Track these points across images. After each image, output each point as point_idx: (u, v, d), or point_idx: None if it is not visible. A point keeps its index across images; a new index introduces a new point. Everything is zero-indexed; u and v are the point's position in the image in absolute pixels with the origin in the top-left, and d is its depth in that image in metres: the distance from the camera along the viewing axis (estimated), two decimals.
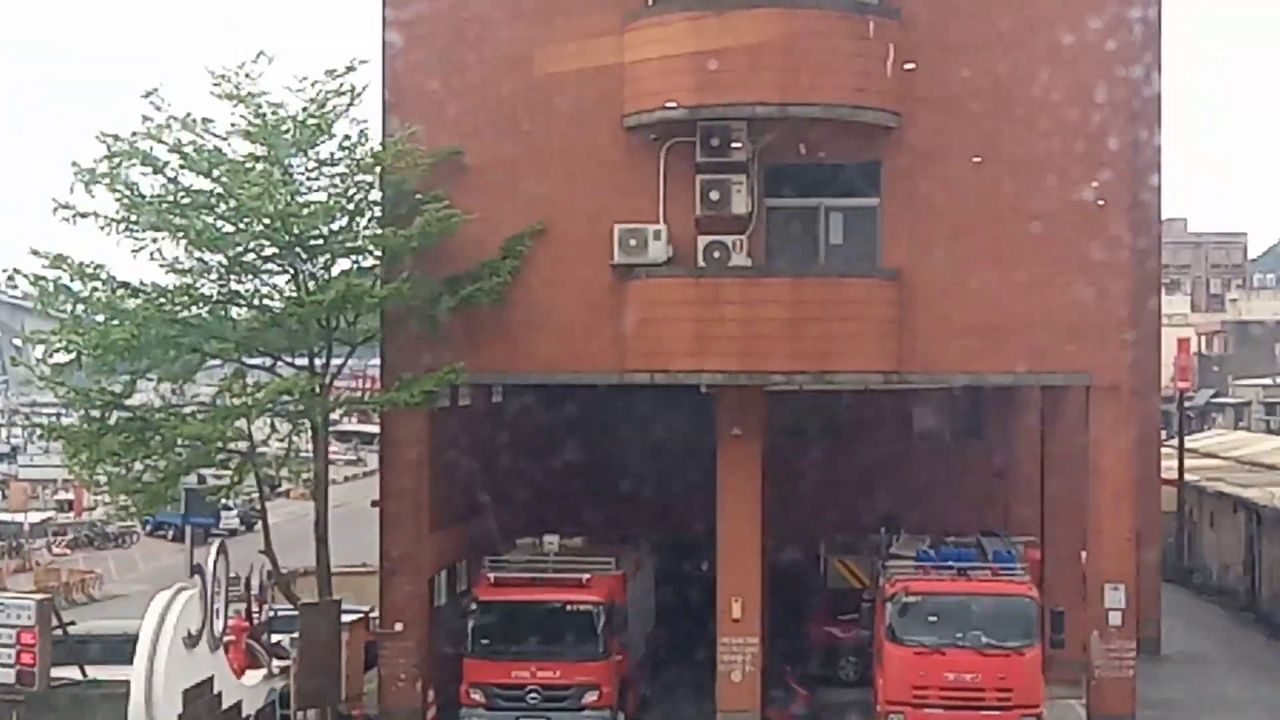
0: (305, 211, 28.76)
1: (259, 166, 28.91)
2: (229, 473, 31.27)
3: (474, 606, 29.40)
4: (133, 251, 28.90)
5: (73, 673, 22.79)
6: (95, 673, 22.86)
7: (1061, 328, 28.90)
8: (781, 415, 33.00)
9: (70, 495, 79.47)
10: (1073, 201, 28.95)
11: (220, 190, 28.76)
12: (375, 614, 30.92)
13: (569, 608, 28.92)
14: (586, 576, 29.19)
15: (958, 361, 29.26)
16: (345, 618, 27.86)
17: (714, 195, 28.66)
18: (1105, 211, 28.98)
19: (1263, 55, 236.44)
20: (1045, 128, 29.02)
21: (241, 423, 29.78)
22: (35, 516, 72.64)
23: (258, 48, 29.65)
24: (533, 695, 28.66)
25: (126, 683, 21.16)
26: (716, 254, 28.80)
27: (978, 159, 29.00)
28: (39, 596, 24.38)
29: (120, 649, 22.56)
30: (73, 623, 24.66)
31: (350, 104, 29.18)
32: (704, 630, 30.73)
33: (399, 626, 29.81)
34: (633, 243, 28.84)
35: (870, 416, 37.32)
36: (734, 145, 28.50)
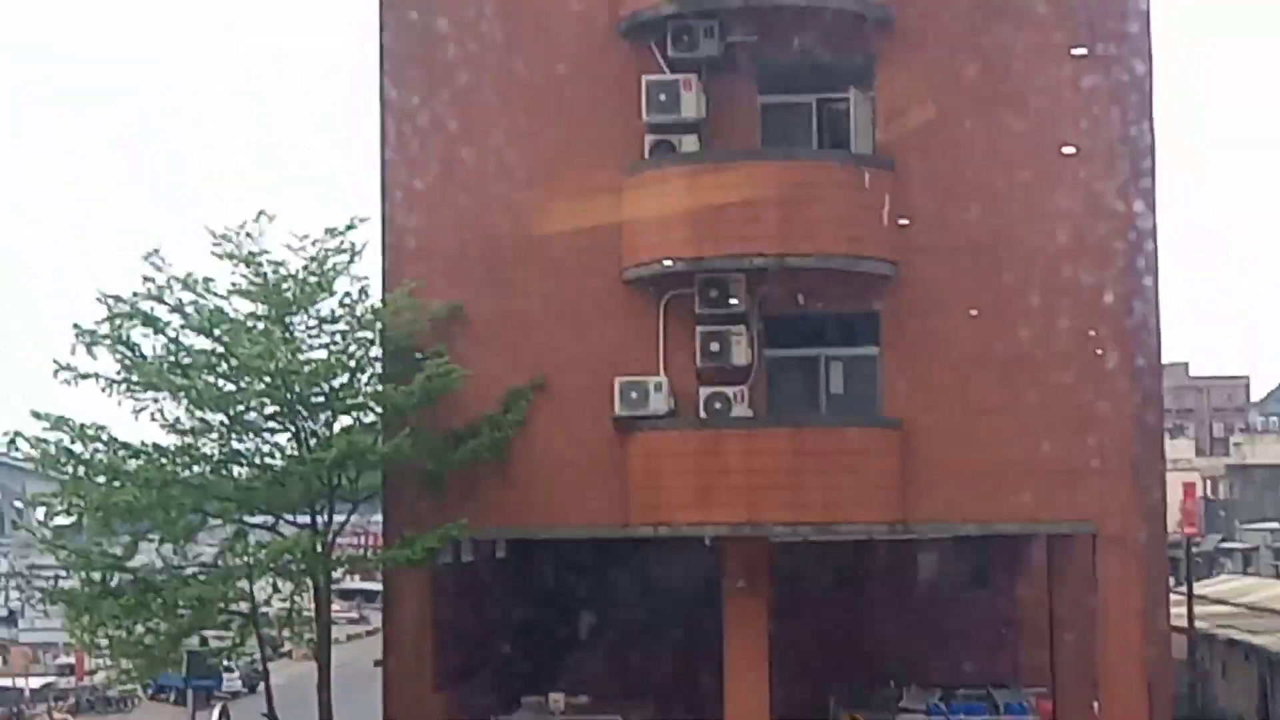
0: (306, 369, 28.80)
1: (260, 325, 29.01)
2: (231, 634, 31.02)
3: None
4: (134, 412, 28.93)
5: None
6: None
7: (1064, 476, 28.78)
8: (787, 566, 32.77)
9: (71, 659, 78.78)
10: (1073, 350, 29.00)
11: (221, 349, 28.84)
12: None
13: None
14: None
15: (962, 510, 29.10)
16: None
17: (714, 346, 28.73)
18: (1106, 359, 29.01)
19: (1261, 211, 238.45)
20: (1043, 277, 29.16)
21: (244, 583, 29.60)
22: (36, 681, 71.96)
23: (258, 207, 29.94)
24: None
25: None
26: (718, 405, 28.80)
27: (974, 311, 29.13)
28: None
29: None
30: None
31: (350, 261, 29.38)
32: None
33: None
34: (634, 395, 28.85)
35: (877, 566, 37.03)
36: (733, 297, 28.67)
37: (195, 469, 29.23)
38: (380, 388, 29.35)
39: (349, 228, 29.25)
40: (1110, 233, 29.28)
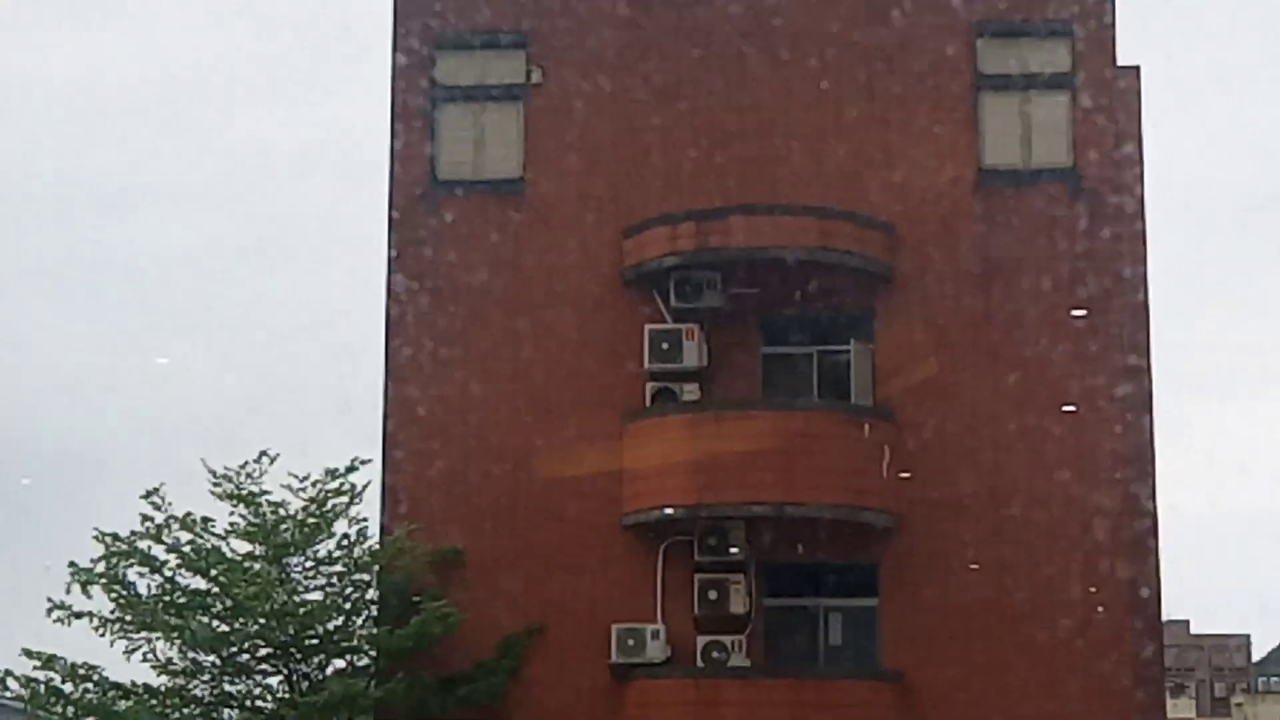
0: (302, 611, 28.59)
1: (257, 565, 28.88)
2: None
3: None
4: (126, 652, 28.62)
5: None
6: None
7: None
8: None
9: None
10: (1075, 608, 28.84)
11: (217, 589, 28.65)
12: None
13: None
14: None
15: None
16: None
17: (712, 595, 28.59)
18: (1107, 616, 28.84)
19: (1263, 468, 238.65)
20: (1045, 532, 29.13)
21: None
22: None
23: (259, 449, 30.10)
24: None
25: None
26: (715, 654, 28.55)
27: (975, 565, 29.05)
28: None
29: None
30: None
31: (350, 502, 29.38)
32: None
33: None
34: (630, 642, 28.61)
35: None
36: (732, 545, 28.62)
37: (186, 710, 28.85)
38: (375, 631, 29.11)
39: (350, 469, 29.32)
40: (1111, 489, 29.32)
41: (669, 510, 28.69)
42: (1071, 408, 29.44)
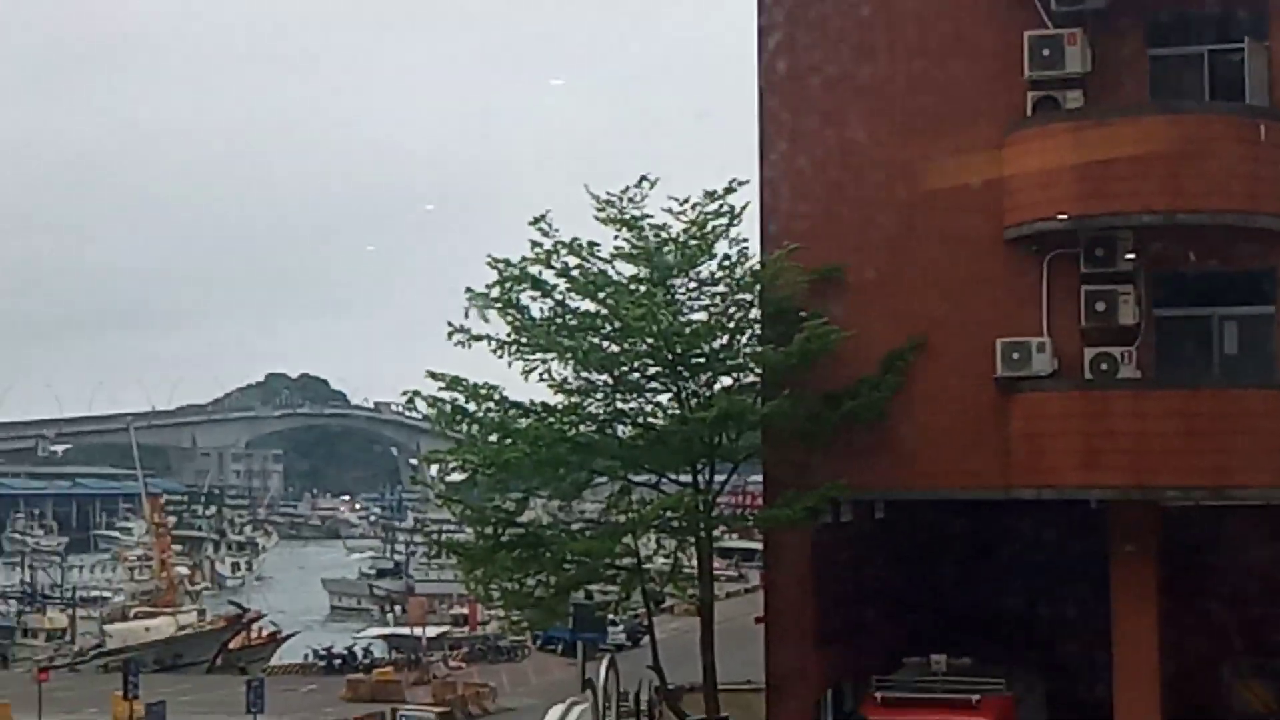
0: (687, 331, 29.29)
1: (642, 288, 29.60)
2: (616, 589, 31.84)
3: None
4: (523, 373, 29.89)
5: None
6: None
7: None
8: (1178, 531, 31.77)
9: (464, 610, 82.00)
10: None
11: (605, 312, 29.53)
12: None
13: None
14: (977, 698, 28.54)
15: None
16: None
17: (1100, 306, 28.05)
18: None
19: None
20: None
21: (628, 539, 30.34)
22: (432, 631, 75.13)
23: (639, 174, 30.62)
24: None
25: None
26: (1104, 366, 28.12)
27: None
28: (438, 709, 25.21)
29: None
30: None
31: (730, 224, 29.72)
32: None
33: None
34: (1016, 356, 28.39)
35: (1271, 532, 35.61)
36: (1120, 256, 27.92)
37: (582, 428, 30.07)
38: (759, 349, 29.64)
39: (728, 191, 29.60)
40: None
41: (1054, 221, 28.09)
42: None
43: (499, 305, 29.52)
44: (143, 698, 45.12)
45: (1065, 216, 27.97)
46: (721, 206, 29.59)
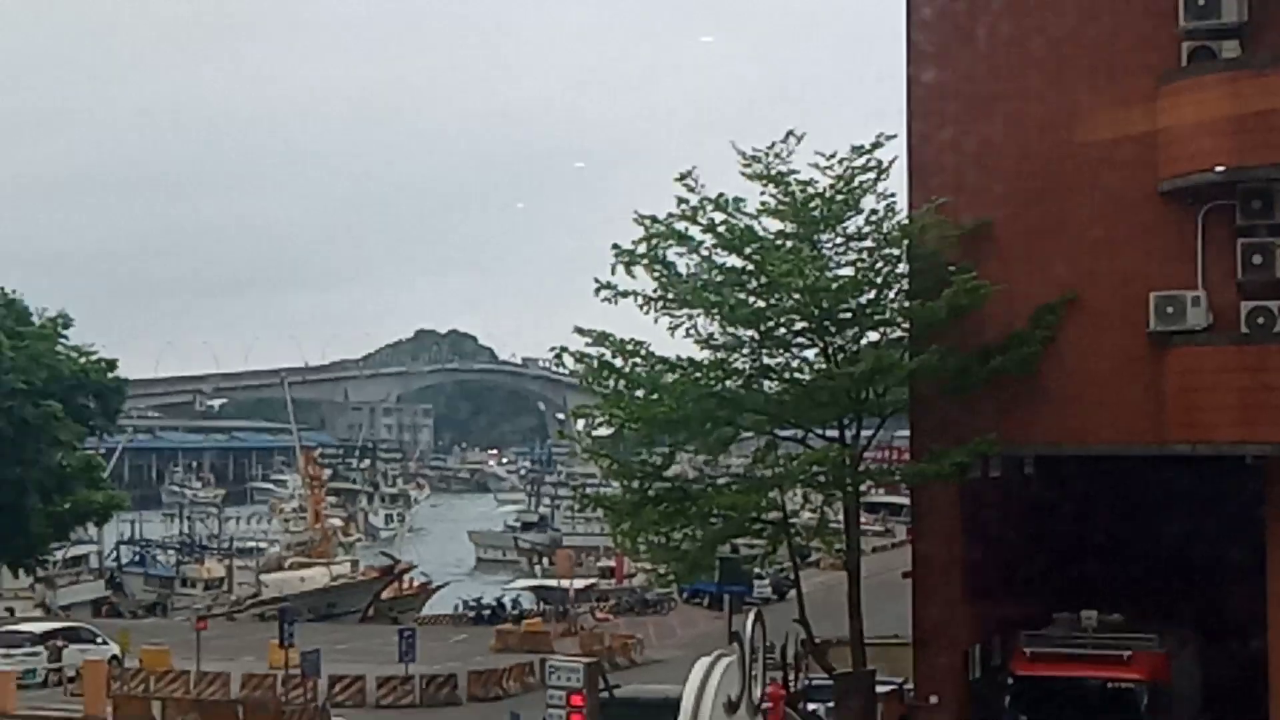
0: (834, 286, 29.24)
1: (788, 243, 29.59)
2: (762, 542, 31.96)
3: (1011, 681, 28.96)
4: (669, 329, 30.05)
5: None
6: None
7: None
8: None
9: (611, 563, 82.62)
10: None
11: (751, 268, 29.57)
12: (909, 686, 30.85)
13: (1110, 685, 28.10)
14: (1128, 654, 28.29)
15: None
16: (880, 688, 27.93)
17: (1256, 259, 27.55)
18: None
19: None
20: None
21: (774, 493, 30.43)
22: (580, 583, 75.75)
23: (785, 130, 30.54)
24: None
25: None
26: (1260, 320, 27.64)
27: None
28: (587, 660, 25.49)
29: (663, 713, 23.27)
30: (617, 686, 25.62)
31: (877, 179, 29.59)
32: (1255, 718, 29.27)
33: (934, 699, 29.66)
34: (1169, 310, 28.01)
35: None
36: (1278, 207, 27.38)
37: (728, 383, 30.20)
38: (907, 303, 29.52)
39: (875, 145, 29.47)
40: None
41: (1209, 173, 27.61)
42: None
43: (645, 261, 29.64)
44: (298, 646, 46.05)
45: (1222, 168, 27.49)
46: (869, 161, 29.48)
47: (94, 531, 63.84)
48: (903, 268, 29.90)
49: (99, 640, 55.17)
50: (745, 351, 30.46)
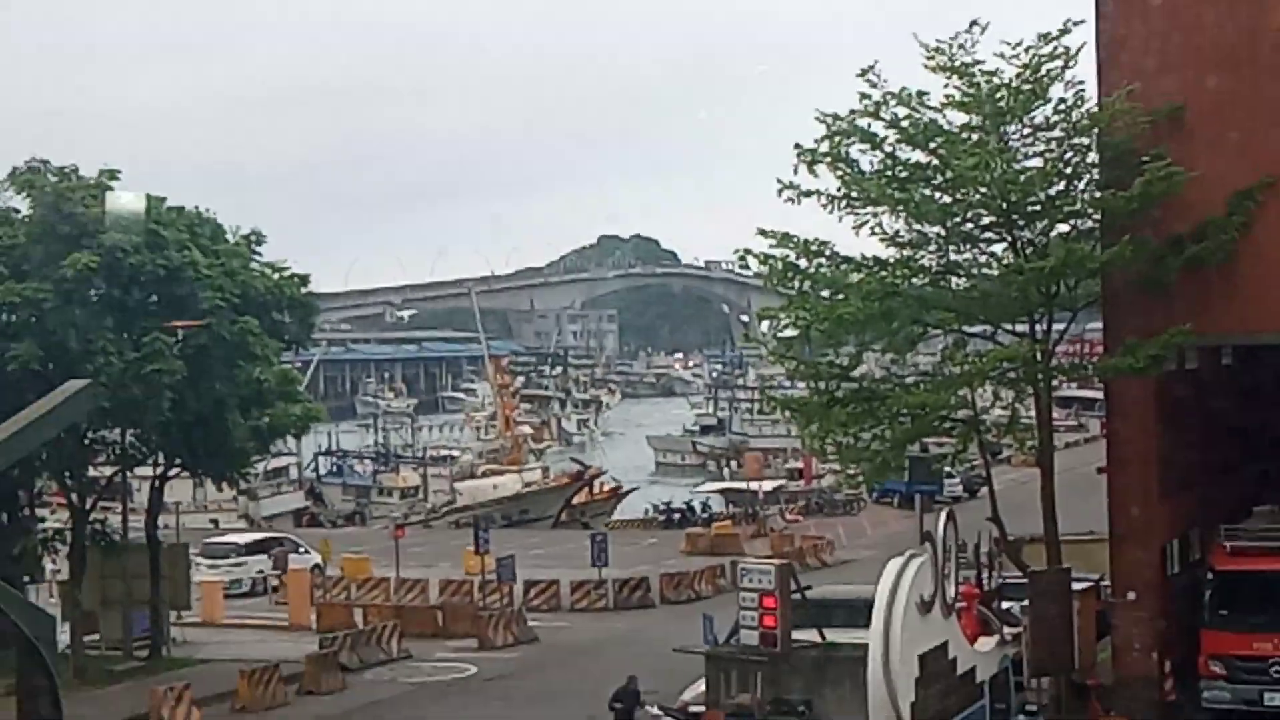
0: (1022, 178, 28.66)
1: (974, 136, 29.03)
2: (952, 440, 31.68)
3: (1211, 576, 28.47)
4: (854, 227, 29.70)
5: (812, 636, 23.70)
6: (833, 636, 23.69)
7: None
8: None
9: (799, 464, 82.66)
10: None
11: (936, 162, 29.10)
12: (1106, 582, 30.48)
13: None
14: None
15: None
16: (1075, 586, 27.62)
17: None
18: None
19: None
20: None
21: (964, 391, 30.09)
22: (768, 485, 75.94)
23: (970, 17, 29.80)
24: (1276, 668, 27.48)
25: (864, 646, 21.81)
26: None
27: None
28: (778, 562, 25.52)
29: (856, 613, 23.28)
30: (809, 587, 25.59)
31: (1065, 66, 28.85)
32: None
33: (1131, 595, 29.26)
34: None
35: None
36: None
37: (915, 281, 29.82)
38: (1098, 194, 28.85)
39: (1063, 32, 28.72)
40: None
41: None
42: None
43: (829, 160, 29.31)
44: (493, 552, 46.85)
45: None
46: (1056, 48, 28.74)
47: (293, 444, 65.18)
48: (1092, 157, 29.19)
49: (301, 549, 56.75)
50: (931, 248, 30.04)
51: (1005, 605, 29.08)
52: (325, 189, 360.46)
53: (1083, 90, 29.07)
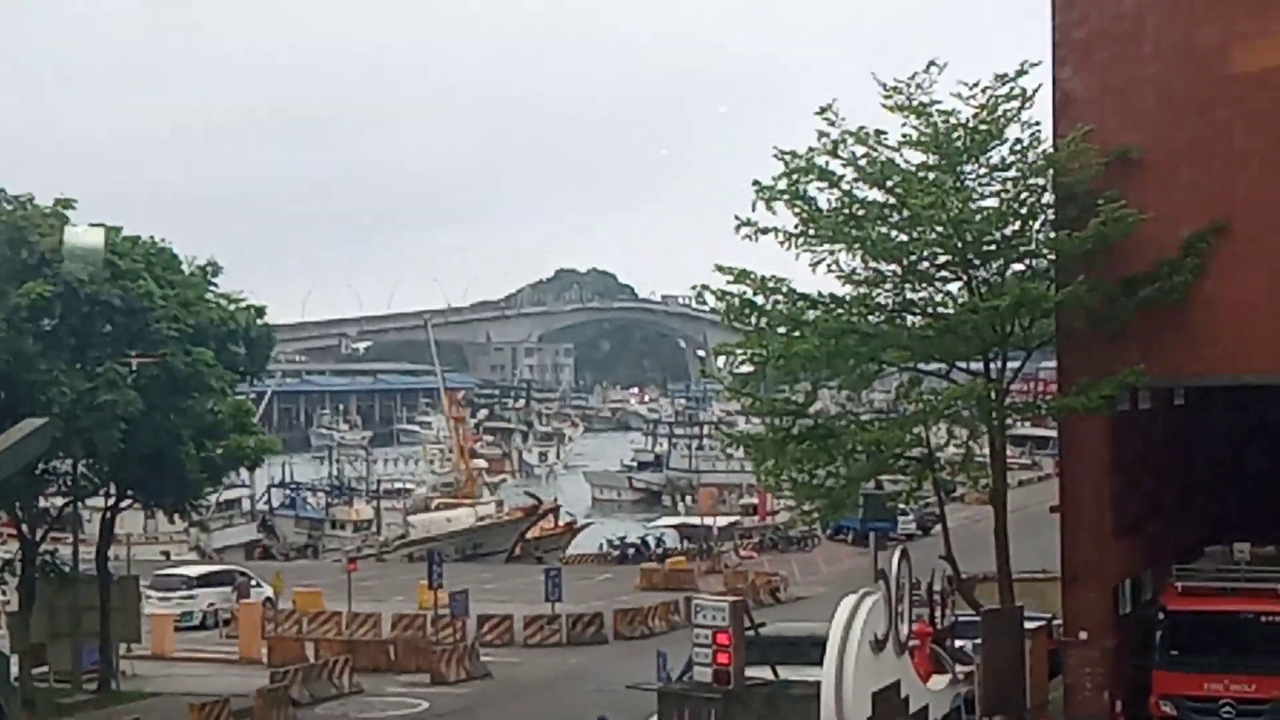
0: (978, 218, 28.85)
1: (931, 175, 29.20)
2: (906, 478, 31.74)
3: (1162, 616, 28.57)
4: (810, 264, 29.82)
5: (765, 673, 23.61)
6: (786, 674, 23.60)
7: None
8: None
9: (754, 500, 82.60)
10: None
11: (893, 201, 29.25)
12: (1058, 621, 30.55)
13: (1265, 619, 27.62)
14: None
15: None
16: (1028, 625, 27.66)
17: None
18: None
19: None
20: None
21: (919, 429, 30.17)
22: (723, 520, 75.81)
23: (927, 58, 29.96)
24: (1226, 709, 27.55)
25: (817, 684, 21.74)
26: None
27: None
28: (732, 598, 25.44)
29: (809, 651, 23.20)
30: (763, 624, 25.51)
31: (1021, 107, 29.09)
32: None
33: (1083, 635, 29.36)
34: None
35: None
36: None
37: (870, 318, 29.95)
38: (1053, 234, 29.06)
39: (1020, 73, 28.97)
40: None
41: None
42: None
43: (786, 197, 29.41)
44: (446, 586, 46.63)
45: None
46: (1013, 89, 28.97)
47: (245, 475, 64.73)
48: (1048, 198, 29.41)
49: (253, 583, 56.30)
50: (887, 286, 30.17)
51: (958, 643, 29.09)
52: (283, 218, 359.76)
53: (1039, 131, 29.34)
